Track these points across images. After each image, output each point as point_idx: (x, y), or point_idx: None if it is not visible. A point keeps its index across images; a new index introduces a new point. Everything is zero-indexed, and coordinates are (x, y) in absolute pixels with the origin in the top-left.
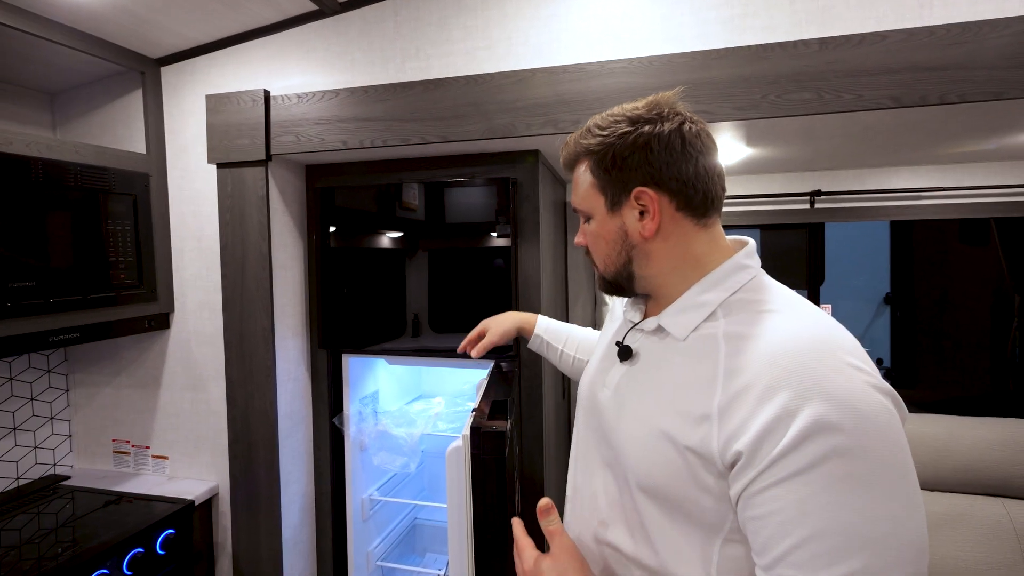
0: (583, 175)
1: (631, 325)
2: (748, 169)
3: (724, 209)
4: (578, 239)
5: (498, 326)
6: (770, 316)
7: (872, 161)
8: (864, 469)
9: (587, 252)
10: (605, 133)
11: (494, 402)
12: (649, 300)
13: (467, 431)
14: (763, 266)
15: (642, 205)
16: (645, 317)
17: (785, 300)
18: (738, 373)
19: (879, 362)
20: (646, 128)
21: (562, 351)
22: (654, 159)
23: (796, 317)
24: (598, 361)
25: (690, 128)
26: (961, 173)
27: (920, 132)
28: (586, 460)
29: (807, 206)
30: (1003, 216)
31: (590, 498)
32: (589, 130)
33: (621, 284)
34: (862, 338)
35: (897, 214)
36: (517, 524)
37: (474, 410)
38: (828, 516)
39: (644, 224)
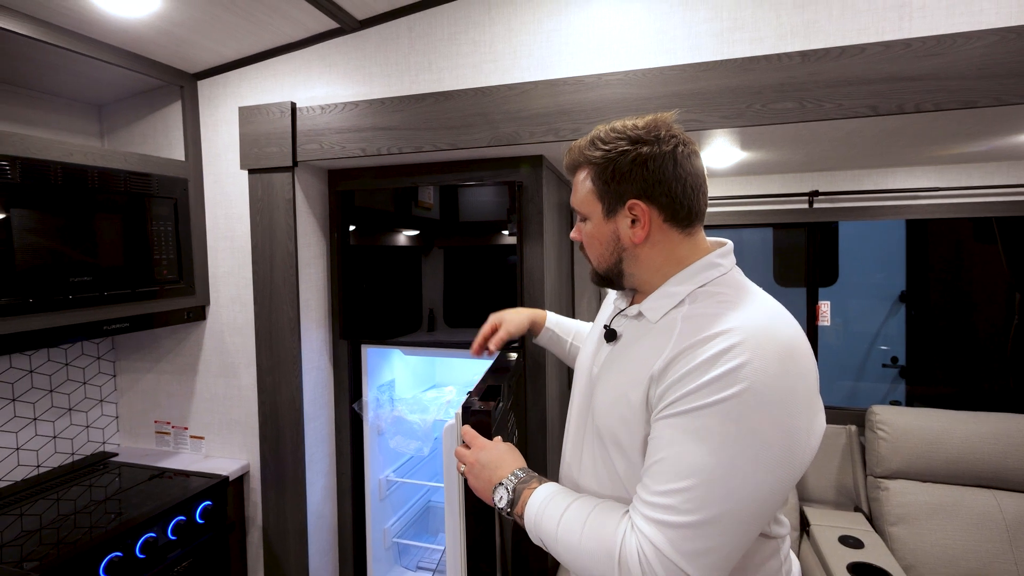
0: (583, 181)
1: (617, 311)
2: (748, 170)
3: (726, 209)
4: (574, 234)
5: (512, 318)
6: (725, 304)
7: (867, 163)
8: (732, 430)
9: (581, 247)
10: (607, 148)
11: (488, 387)
12: (636, 292)
13: (459, 410)
14: (774, 263)
15: (634, 215)
16: (630, 304)
17: (745, 294)
18: (681, 343)
19: (894, 360)
20: (644, 148)
21: (571, 343)
22: (648, 176)
23: (747, 305)
24: (593, 344)
25: (682, 151)
26: (958, 173)
27: (902, 137)
28: (577, 429)
29: (806, 206)
30: (1003, 215)
31: (576, 460)
32: (593, 142)
33: (611, 279)
34: (877, 335)
35: (894, 214)
36: (467, 429)
37: (469, 393)
38: (683, 451)
39: (635, 231)
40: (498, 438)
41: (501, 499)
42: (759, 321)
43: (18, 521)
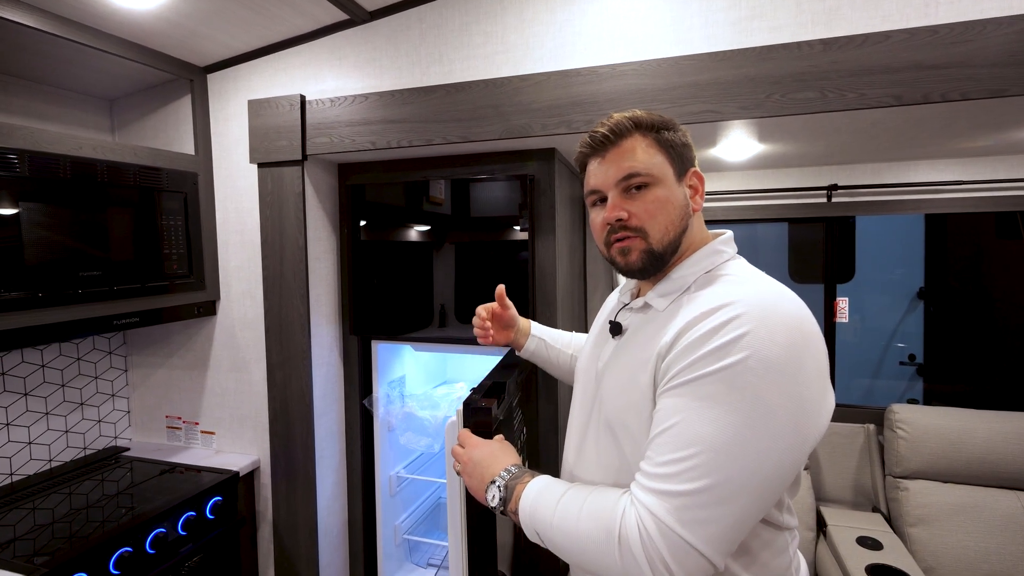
0: (645, 148)
1: (622, 306)
2: (765, 164)
3: (741, 203)
4: (617, 211)
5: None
6: (731, 283)
7: (888, 156)
8: (737, 397)
9: (613, 233)
10: (664, 118)
11: (493, 383)
12: (642, 282)
13: (460, 406)
14: (790, 259)
15: (692, 184)
16: (635, 298)
17: (750, 275)
18: (686, 317)
19: (911, 358)
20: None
21: (572, 355)
22: (693, 149)
23: (753, 283)
24: (594, 339)
25: None
26: (982, 166)
27: (927, 129)
28: (580, 428)
29: (824, 200)
30: None
31: (579, 457)
32: (643, 114)
33: (665, 257)
34: (895, 332)
35: (915, 208)
36: (464, 431)
37: (472, 390)
38: (687, 419)
39: (695, 200)
40: (499, 436)
41: (494, 497)
42: (765, 296)
43: (31, 515)
